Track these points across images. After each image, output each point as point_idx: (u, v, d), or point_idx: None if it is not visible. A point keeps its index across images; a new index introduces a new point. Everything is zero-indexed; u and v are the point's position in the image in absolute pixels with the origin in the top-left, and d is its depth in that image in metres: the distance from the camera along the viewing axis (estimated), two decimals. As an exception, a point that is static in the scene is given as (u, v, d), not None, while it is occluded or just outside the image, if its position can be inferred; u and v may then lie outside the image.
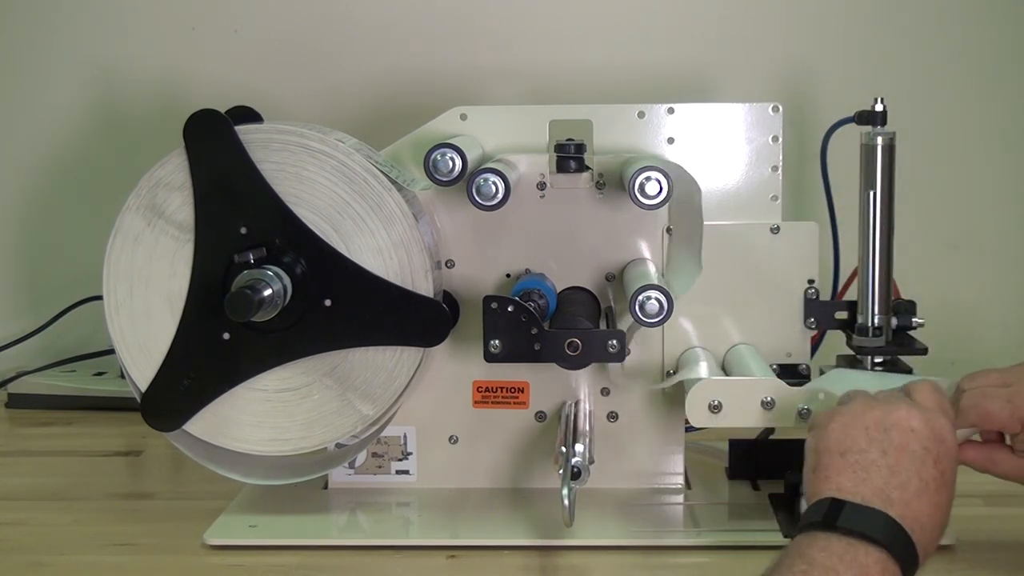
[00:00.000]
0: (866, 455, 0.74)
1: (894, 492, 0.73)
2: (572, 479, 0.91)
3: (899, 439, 0.75)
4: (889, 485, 0.73)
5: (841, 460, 0.74)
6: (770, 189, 1.08)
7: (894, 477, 0.73)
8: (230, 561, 0.95)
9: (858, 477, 0.73)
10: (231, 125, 0.96)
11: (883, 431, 0.75)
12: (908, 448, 0.74)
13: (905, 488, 0.73)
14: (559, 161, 1.04)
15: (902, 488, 0.73)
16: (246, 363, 0.99)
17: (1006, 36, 1.43)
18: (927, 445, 0.75)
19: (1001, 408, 0.84)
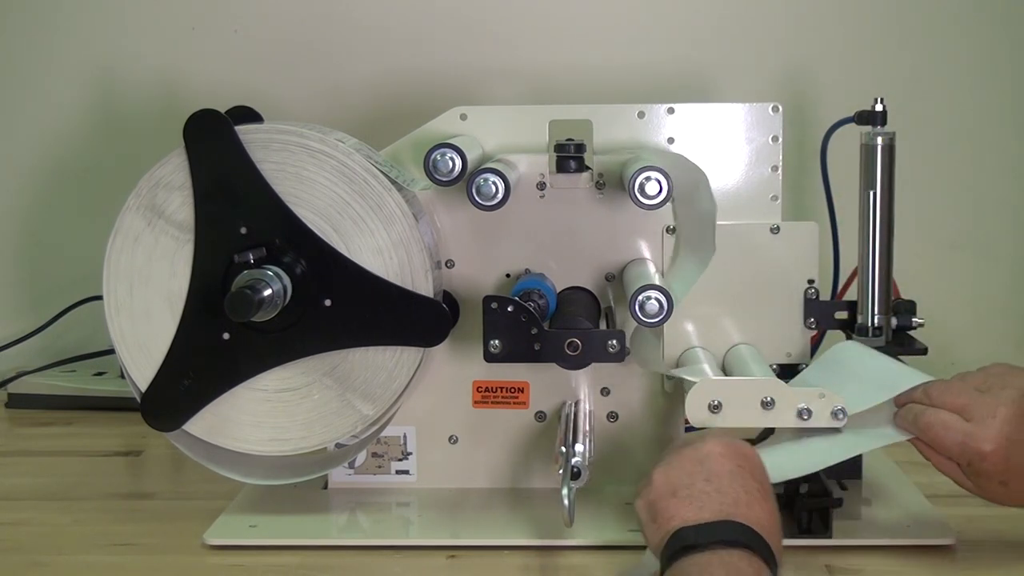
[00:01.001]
0: (693, 487, 0.80)
1: (730, 508, 0.78)
2: (572, 479, 0.91)
3: (714, 465, 0.82)
4: (724, 504, 0.79)
5: (675, 499, 0.80)
6: (770, 189, 1.08)
7: (724, 497, 0.79)
8: (230, 561, 0.95)
9: (695, 506, 0.79)
10: (231, 125, 0.96)
11: (698, 463, 0.82)
12: (725, 470, 0.81)
13: (737, 503, 0.79)
14: (559, 161, 1.04)
15: (735, 504, 0.79)
16: (246, 363, 0.99)
17: (1006, 36, 1.43)
18: (739, 463, 0.82)
19: (954, 444, 0.89)
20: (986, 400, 0.89)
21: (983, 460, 0.87)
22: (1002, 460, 0.87)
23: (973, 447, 0.88)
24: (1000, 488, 0.89)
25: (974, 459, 0.88)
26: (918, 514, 1.01)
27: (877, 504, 1.04)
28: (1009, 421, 0.87)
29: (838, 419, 0.94)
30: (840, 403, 0.93)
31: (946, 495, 1.05)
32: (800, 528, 0.96)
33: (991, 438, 0.87)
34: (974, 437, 0.88)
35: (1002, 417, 0.87)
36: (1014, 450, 0.87)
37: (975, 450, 0.87)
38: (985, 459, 0.87)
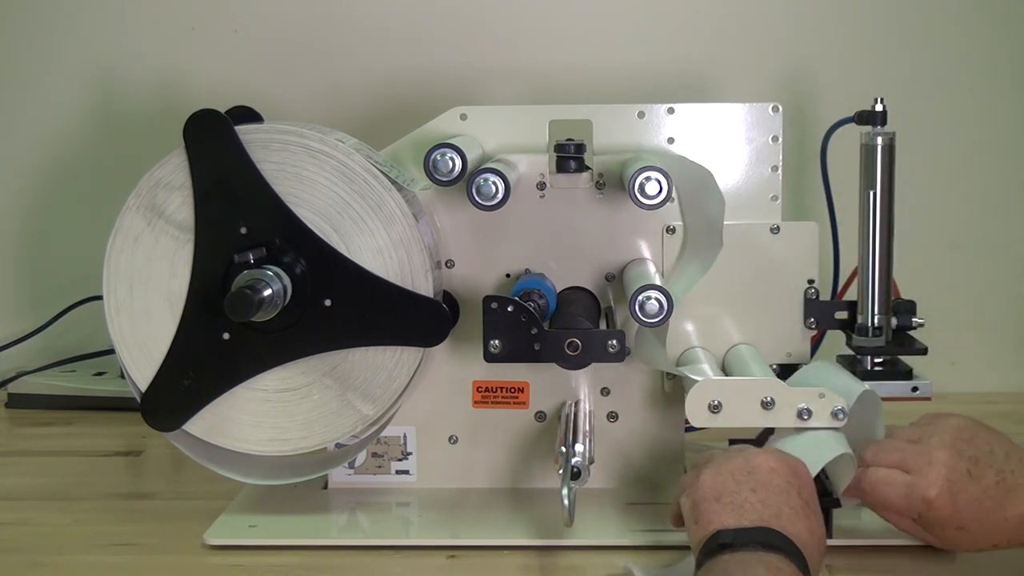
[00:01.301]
0: (738, 495, 0.82)
1: (771, 521, 0.79)
2: (572, 479, 0.91)
3: (763, 477, 0.83)
4: (764, 516, 0.80)
5: (718, 504, 0.82)
6: (770, 189, 1.08)
7: (767, 509, 0.80)
8: (230, 561, 0.95)
9: (737, 513, 0.80)
10: (231, 125, 0.96)
11: (747, 473, 0.83)
12: (773, 483, 0.82)
13: (779, 516, 0.80)
14: (559, 161, 1.04)
15: (777, 517, 0.80)
16: (246, 363, 0.99)
17: (1006, 36, 1.43)
18: (789, 479, 0.83)
19: (898, 497, 0.89)
20: (920, 449, 0.89)
21: (930, 508, 0.87)
22: (949, 504, 0.87)
23: (918, 496, 0.88)
24: (957, 534, 0.88)
25: (922, 509, 0.88)
26: (918, 514, 1.01)
27: (877, 504, 1.04)
28: (947, 465, 0.87)
29: (838, 419, 0.94)
30: (840, 403, 0.93)
31: (946, 495, 1.05)
32: (800, 528, 0.96)
33: (932, 483, 0.87)
34: (915, 487, 0.88)
35: (939, 462, 0.87)
36: (958, 492, 0.87)
37: (920, 499, 0.87)
38: (931, 506, 0.87)
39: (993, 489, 0.87)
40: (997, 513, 0.87)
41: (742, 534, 0.79)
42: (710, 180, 1.01)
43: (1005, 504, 0.87)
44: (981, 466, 0.87)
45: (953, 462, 0.87)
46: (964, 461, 0.87)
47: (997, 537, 0.88)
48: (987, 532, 0.88)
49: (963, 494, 0.87)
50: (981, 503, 0.87)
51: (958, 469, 0.87)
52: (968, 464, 0.87)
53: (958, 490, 0.87)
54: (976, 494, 0.87)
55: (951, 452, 0.88)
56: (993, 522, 0.87)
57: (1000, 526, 0.87)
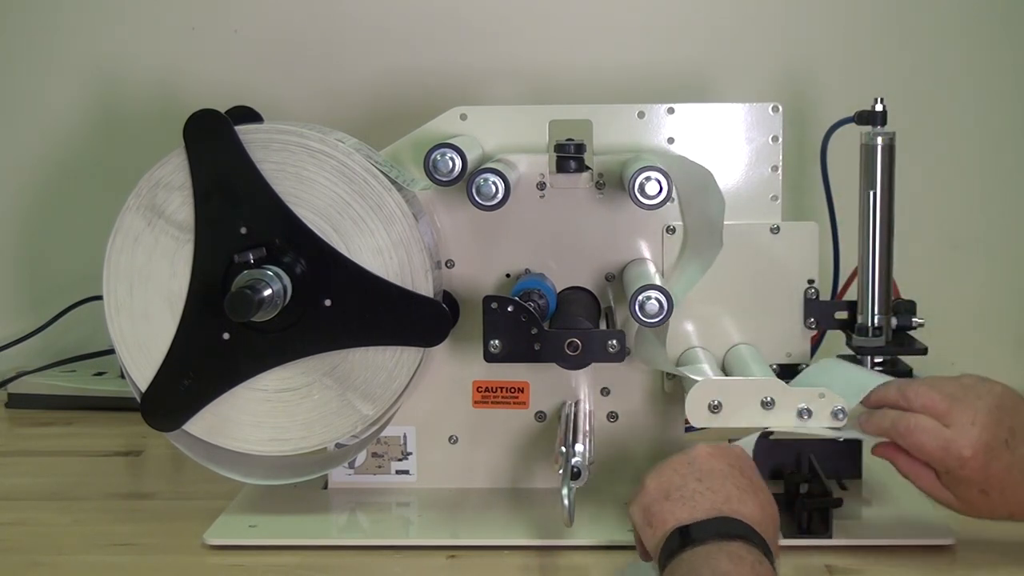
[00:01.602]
0: (685, 488, 0.83)
1: (723, 505, 0.81)
2: (572, 479, 0.91)
3: (704, 464, 0.84)
4: (716, 502, 0.81)
5: (668, 502, 0.82)
6: (770, 189, 1.08)
7: (716, 495, 0.81)
8: (230, 561, 0.95)
9: (688, 506, 0.81)
10: (231, 125, 0.96)
11: (688, 464, 0.85)
12: (715, 468, 0.84)
13: (729, 499, 0.81)
14: (559, 161, 1.04)
15: (727, 500, 0.81)
16: (246, 363, 0.99)
17: (1006, 36, 1.43)
18: (729, 462, 0.85)
19: (935, 448, 0.88)
20: (964, 407, 0.89)
21: (963, 467, 0.87)
22: (981, 467, 0.87)
23: (954, 452, 0.87)
24: (980, 496, 0.89)
25: (953, 465, 0.88)
26: (918, 514, 1.01)
27: (877, 504, 1.04)
28: (987, 428, 0.87)
29: (838, 419, 0.94)
30: (840, 403, 0.93)
31: (946, 495, 1.05)
32: (800, 528, 0.96)
33: (971, 444, 0.87)
34: (955, 442, 0.87)
35: (981, 424, 0.87)
36: (992, 459, 0.87)
37: (956, 455, 0.87)
38: (965, 465, 0.87)
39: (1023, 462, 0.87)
40: (1022, 485, 0.88)
41: (699, 528, 0.79)
42: (710, 180, 1.01)
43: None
44: (1018, 437, 0.88)
45: (994, 428, 0.87)
46: (1004, 430, 0.88)
47: (1015, 507, 0.89)
48: (1006, 500, 0.88)
49: (996, 461, 0.87)
50: (1010, 472, 0.87)
51: (998, 436, 0.87)
52: (1007, 433, 0.88)
53: (993, 456, 0.87)
54: (1008, 463, 0.87)
55: (993, 417, 0.88)
56: (1015, 493, 0.88)
57: (1020, 498, 0.88)
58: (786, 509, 1.00)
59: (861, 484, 1.08)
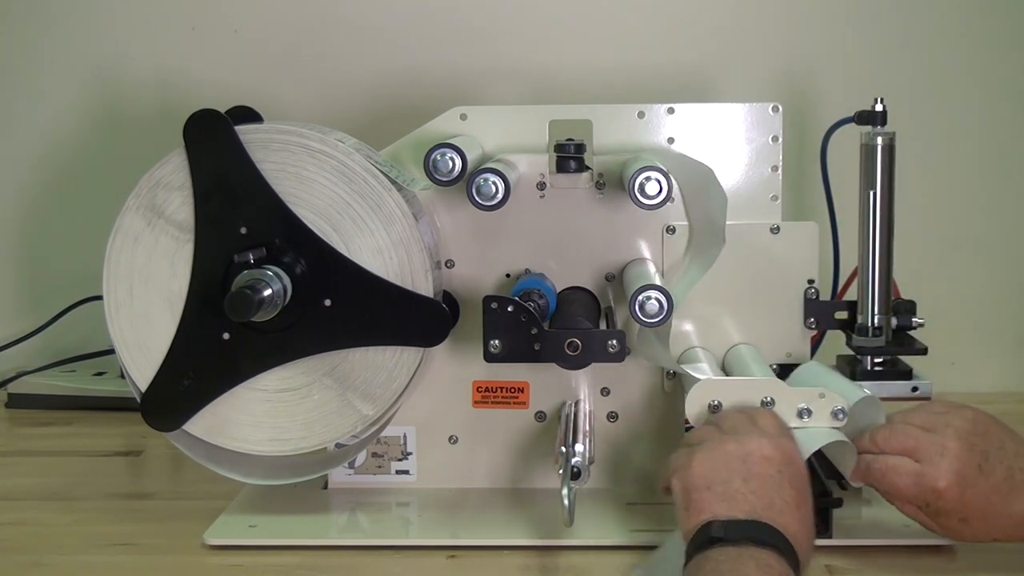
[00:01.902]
0: (730, 485, 0.81)
1: (763, 512, 0.80)
2: (572, 479, 0.91)
3: (756, 467, 0.83)
4: (756, 507, 0.80)
5: (709, 493, 0.81)
6: (770, 189, 1.08)
7: (759, 500, 0.81)
8: (230, 561, 0.95)
9: (728, 504, 0.80)
10: (231, 125, 0.96)
11: (741, 461, 0.83)
12: (766, 473, 0.82)
13: (771, 508, 0.80)
14: (559, 161, 1.04)
15: (768, 508, 0.80)
16: (246, 363, 0.99)
17: (1006, 36, 1.43)
18: (780, 469, 0.83)
19: (907, 487, 0.89)
20: (933, 439, 0.89)
21: (939, 498, 0.87)
22: (957, 497, 0.87)
23: (927, 486, 0.88)
24: (960, 525, 0.89)
25: (930, 498, 0.88)
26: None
27: (877, 504, 1.03)
28: (958, 457, 0.87)
29: (838, 419, 0.94)
30: (840, 403, 0.93)
31: (946, 495, 1.05)
32: (800, 528, 0.96)
33: (943, 475, 0.87)
34: (926, 476, 0.88)
35: (951, 454, 0.87)
36: (967, 487, 0.87)
37: (930, 489, 0.88)
38: (940, 497, 0.87)
39: (1001, 485, 0.87)
40: (1002, 508, 0.87)
41: (733, 527, 0.79)
42: (711, 177, 1.01)
43: (1011, 500, 0.87)
44: (992, 461, 0.87)
45: (965, 455, 0.87)
46: (976, 455, 0.87)
47: (999, 532, 0.88)
48: (990, 526, 0.88)
49: (971, 488, 0.87)
50: (988, 498, 0.87)
51: (970, 463, 0.87)
52: (979, 458, 0.87)
53: (967, 484, 0.87)
54: (984, 489, 0.87)
55: (964, 444, 0.88)
56: (997, 517, 0.87)
57: (1003, 522, 0.88)
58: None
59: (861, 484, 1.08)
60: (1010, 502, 0.87)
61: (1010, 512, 0.87)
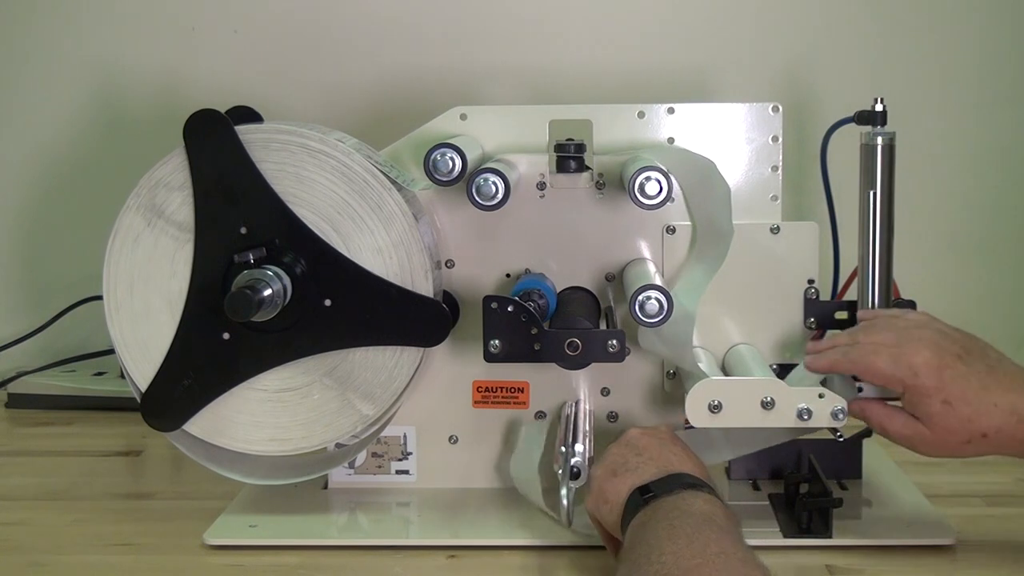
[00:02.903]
0: (627, 461, 0.89)
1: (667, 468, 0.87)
2: (572, 479, 0.91)
3: (641, 441, 0.91)
4: (660, 466, 0.87)
5: (616, 477, 0.88)
6: (770, 189, 1.08)
7: (658, 461, 0.88)
8: (230, 561, 0.95)
9: (637, 474, 0.87)
10: (231, 125, 0.96)
11: (625, 445, 0.92)
12: (651, 444, 0.91)
13: (671, 463, 0.88)
14: (559, 161, 1.04)
15: (669, 464, 0.88)
16: (246, 363, 0.99)
17: (1006, 36, 1.43)
18: (660, 438, 0.92)
19: (886, 365, 0.89)
20: (911, 334, 0.90)
21: (916, 375, 0.87)
22: (935, 372, 0.87)
23: (905, 362, 0.88)
24: (944, 409, 0.87)
25: (907, 376, 0.88)
26: (918, 514, 1.01)
27: (877, 504, 1.04)
28: (936, 344, 0.88)
29: (838, 419, 0.94)
30: (841, 403, 0.93)
31: (946, 495, 1.05)
32: (800, 528, 0.96)
33: (919, 351, 0.88)
34: (904, 354, 0.88)
35: (929, 341, 0.89)
36: (945, 367, 0.87)
37: (907, 365, 0.88)
38: (918, 373, 0.87)
39: (984, 374, 0.87)
40: (986, 396, 0.87)
41: (657, 484, 0.84)
42: (712, 170, 1.01)
43: (994, 390, 0.87)
44: (972, 355, 0.89)
45: (945, 344, 0.89)
46: (955, 346, 0.89)
47: (985, 421, 0.87)
48: (974, 412, 0.87)
49: (949, 369, 0.87)
50: (968, 380, 0.87)
51: (948, 349, 0.88)
52: (958, 349, 0.89)
53: (946, 364, 0.87)
54: (963, 372, 0.87)
55: (943, 338, 0.89)
56: (981, 403, 0.87)
57: (988, 410, 0.86)
58: (786, 509, 1.00)
59: (861, 484, 1.08)
60: (993, 392, 0.87)
61: (995, 401, 0.87)
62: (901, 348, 0.89)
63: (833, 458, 1.06)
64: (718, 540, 0.76)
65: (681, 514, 0.80)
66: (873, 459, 1.12)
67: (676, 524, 0.78)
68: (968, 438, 0.87)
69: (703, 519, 0.79)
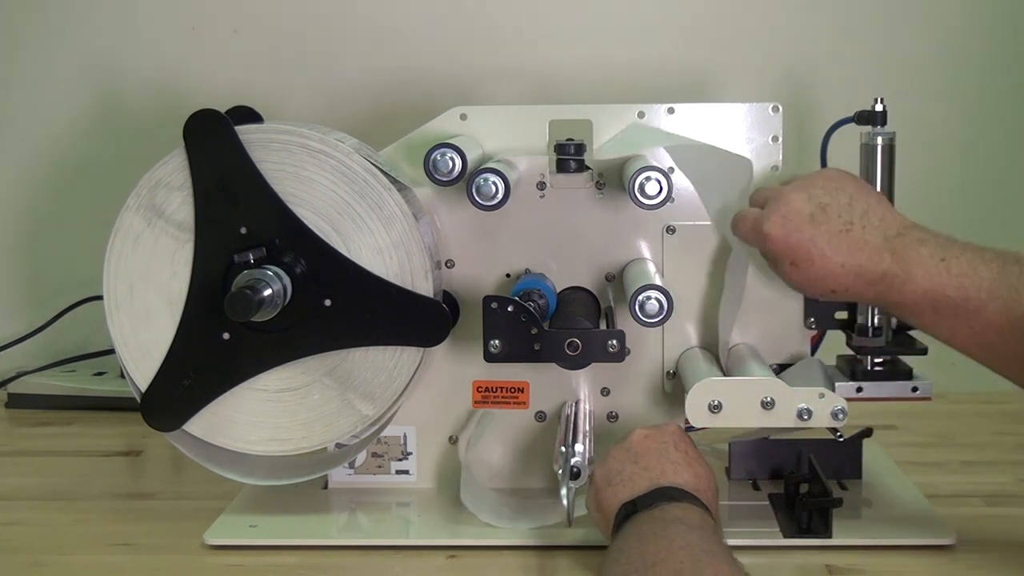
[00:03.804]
0: (623, 472, 0.90)
1: (660, 480, 0.88)
2: (572, 479, 0.92)
3: (639, 447, 0.91)
4: (652, 479, 0.88)
5: (611, 488, 0.89)
6: (770, 189, 1.08)
7: (651, 472, 0.89)
8: (230, 561, 0.95)
9: (629, 488, 0.88)
10: (231, 125, 0.96)
11: (625, 450, 0.92)
12: (649, 449, 0.91)
13: (664, 474, 0.88)
14: (559, 161, 1.04)
15: (662, 475, 0.88)
16: (246, 363, 0.99)
17: (1005, 36, 1.43)
18: (663, 440, 0.92)
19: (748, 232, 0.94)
20: (779, 190, 0.93)
21: (767, 241, 0.91)
22: (781, 239, 0.90)
23: (759, 230, 0.92)
24: (791, 269, 0.91)
25: (762, 242, 0.92)
26: (918, 514, 1.01)
27: (877, 504, 1.04)
28: (789, 204, 0.91)
29: (838, 419, 0.94)
30: (841, 403, 0.93)
31: (946, 495, 1.05)
32: (800, 528, 0.96)
33: (769, 218, 0.91)
34: (759, 221, 0.92)
35: (784, 201, 0.91)
36: (792, 231, 0.90)
37: (761, 233, 0.91)
38: (768, 240, 0.91)
39: (834, 236, 0.90)
40: (831, 258, 0.90)
41: (642, 500, 0.86)
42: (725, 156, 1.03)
43: (842, 251, 0.90)
44: (828, 213, 0.90)
45: (799, 204, 0.91)
46: (810, 205, 0.91)
47: (830, 282, 0.91)
48: (818, 273, 0.90)
49: (796, 233, 0.90)
50: (814, 243, 0.90)
51: (800, 211, 0.91)
52: (813, 208, 0.91)
53: (792, 229, 0.90)
54: (810, 234, 0.90)
55: (801, 195, 0.91)
56: (825, 265, 0.90)
57: (833, 271, 0.90)
58: (786, 509, 1.00)
59: (861, 484, 1.08)
60: (840, 253, 0.90)
61: (841, 263, 0.90)
62: (762, 214, 0.92)
63: (833, 458, 1.06)
64: (684, 536, 0.79)
65: (654, 521, 0.83)
66: (873, 459, 1.12)
67: (646, 530, 0.82)
68: (820, 292, 0.92)
69: (673, 521, 0.83)
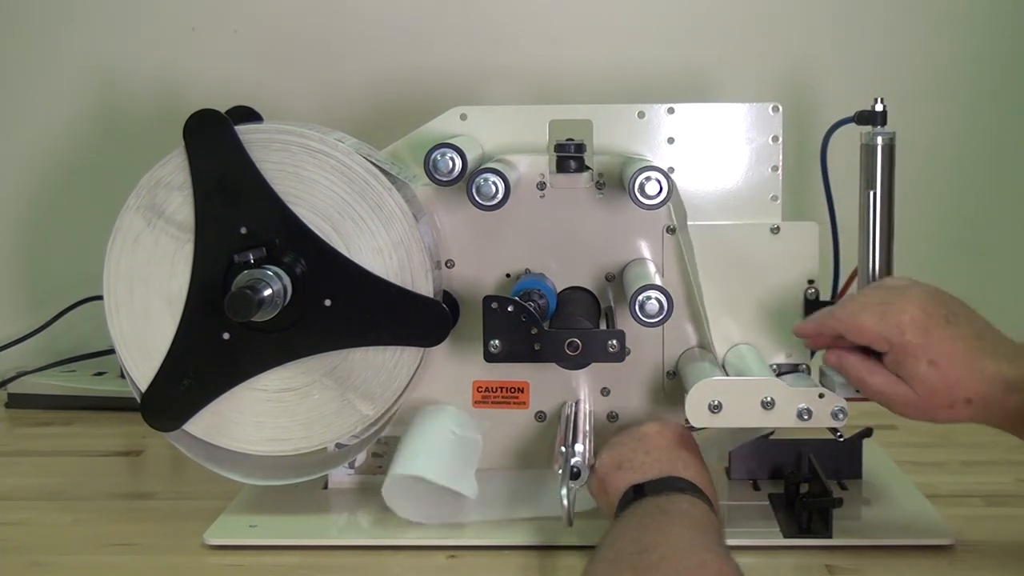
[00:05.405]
0: (635, 459, 0.92)
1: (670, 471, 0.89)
2: (572, 479, 0.91)
3: (650, 440, 0.94)
4: (664, 469, 0.90)
5: (620, 471, 0.91)
6: (770, 189, 1.08)
7: (663, 464, 0.90)
8: (230, 561, 0.95)
9: (640, 473, 0.90)
10: (231, 125, 0.96)
11: (638, 440, 0.94)
12: (661, 444, 0.93)
13: (675, 467, 0.90)
14: (559, 161, 1.04)
15: (673, 467, 0.90)
16: (246, 363, 0.99)
17: (1005, 36, 1.43)
18: (671, 439, 0.94)
19: (872, 323, 0.87)
20: (898, 291, 0.89)
21: (903, 332, 0.86)
22: (922, 331, 0.85)
23: (892, 321, 0.86)
24: (930, 371, 0.85)
25: (894, 335, 0.86)
26: (918, 514, 1.01)
27: (877, 504, 1.04)
28: (923, 304, 0.86)
29: (838, 419, 0.94)
30: (841, 403, 0.93)
31: (946, 495, 1.05)
32: (800, 528, 0.96)
33: (906, 309, 0.86)
34: (891, 311, 0.86)
35: (916, 296, 0.87)
36: (932, 326, 0.85)
37: (894, 323, 0.86)
38: (904, 330, 0.85)
39: (972, 338, 0.86)
40: (973, 361, 0.85)
41: (653, 485, 0.87)
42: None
43: (982, 357, 0.85)
44: (960, 319, 0.87)
45: (931, 306, 0.87)
46: (941, 307, 0.87)
47: (971, 386, 0.85)
48: (961, 375, 0.85)
49: (937, 329, 0.86)
50: (955, 343, 0.85)
51: (935, 312, 0.86)
52: (946, 312, 0.87)
53: (933, 324, 0.86)
54: (951, 334, 0.86)
55: (930, 300, 0.87)
56: (967, 367, 0.85)
57: (976, 375, 0.85)
58: (786, 509, 1.00)
59: (861, 484, 1.08)
60: (980, 358, 0.85)
61: (982, 368, 0.85)
62: (888, 306, 0.87)
63: (833, 458, 1.06)
64: (680, 529, 0.80)
65: (658, 511, 0.84)
66: (873, 459, 1.12)
67: (648, 518, 0.83)
68: (951, 402, 0.86)
69: (676, 514, 0.83)
